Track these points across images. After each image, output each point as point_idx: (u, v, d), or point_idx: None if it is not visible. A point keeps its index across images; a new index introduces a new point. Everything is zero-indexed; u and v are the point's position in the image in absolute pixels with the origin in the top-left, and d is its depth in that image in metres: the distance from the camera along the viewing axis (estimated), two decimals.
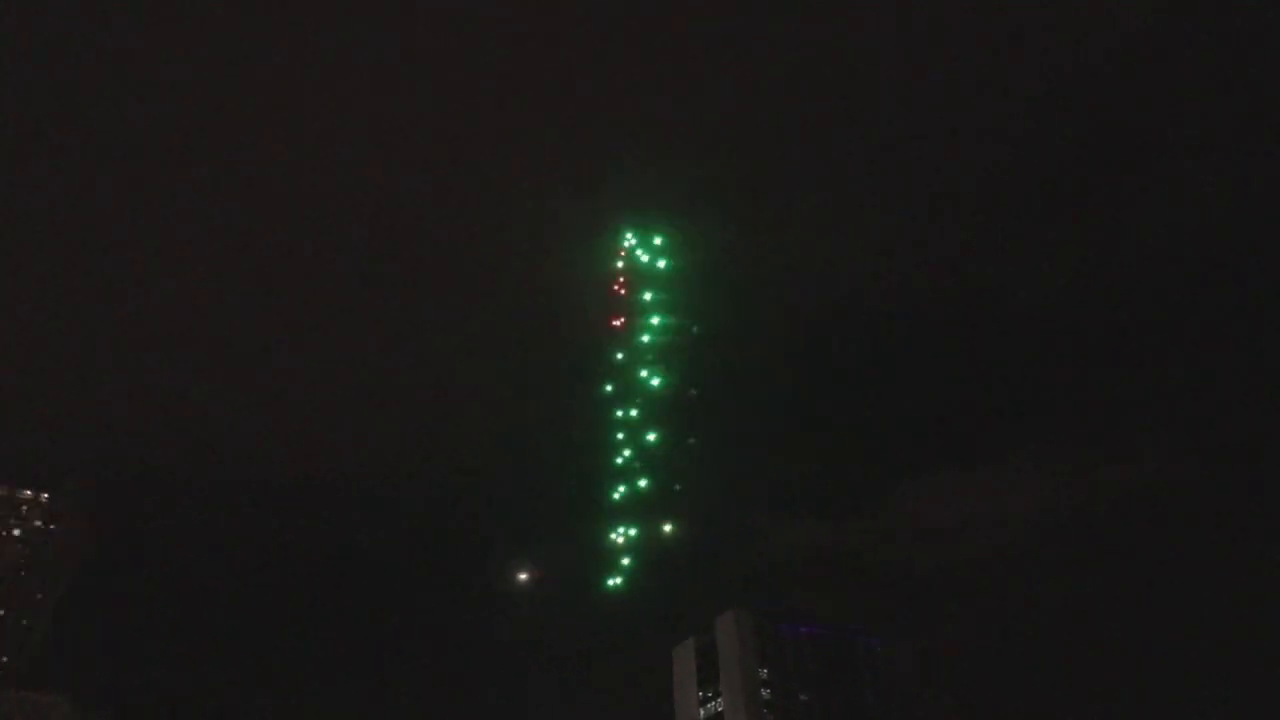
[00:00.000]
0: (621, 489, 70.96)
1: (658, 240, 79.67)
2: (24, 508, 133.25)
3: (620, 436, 72.18)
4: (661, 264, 78.68)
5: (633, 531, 69.11)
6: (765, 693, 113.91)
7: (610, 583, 68.97)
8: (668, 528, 70.73)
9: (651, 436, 72.10)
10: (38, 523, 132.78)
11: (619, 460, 70.94)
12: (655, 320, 75.64)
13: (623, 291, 78.12)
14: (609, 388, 73.68)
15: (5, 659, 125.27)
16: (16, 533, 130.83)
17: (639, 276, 77.67)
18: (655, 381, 73.19)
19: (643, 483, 71.12)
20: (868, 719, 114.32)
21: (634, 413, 72.40)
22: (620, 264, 79.28)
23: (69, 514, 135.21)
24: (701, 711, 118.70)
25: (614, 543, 68.82)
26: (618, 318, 76.73)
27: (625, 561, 68.54)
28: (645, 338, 74.54)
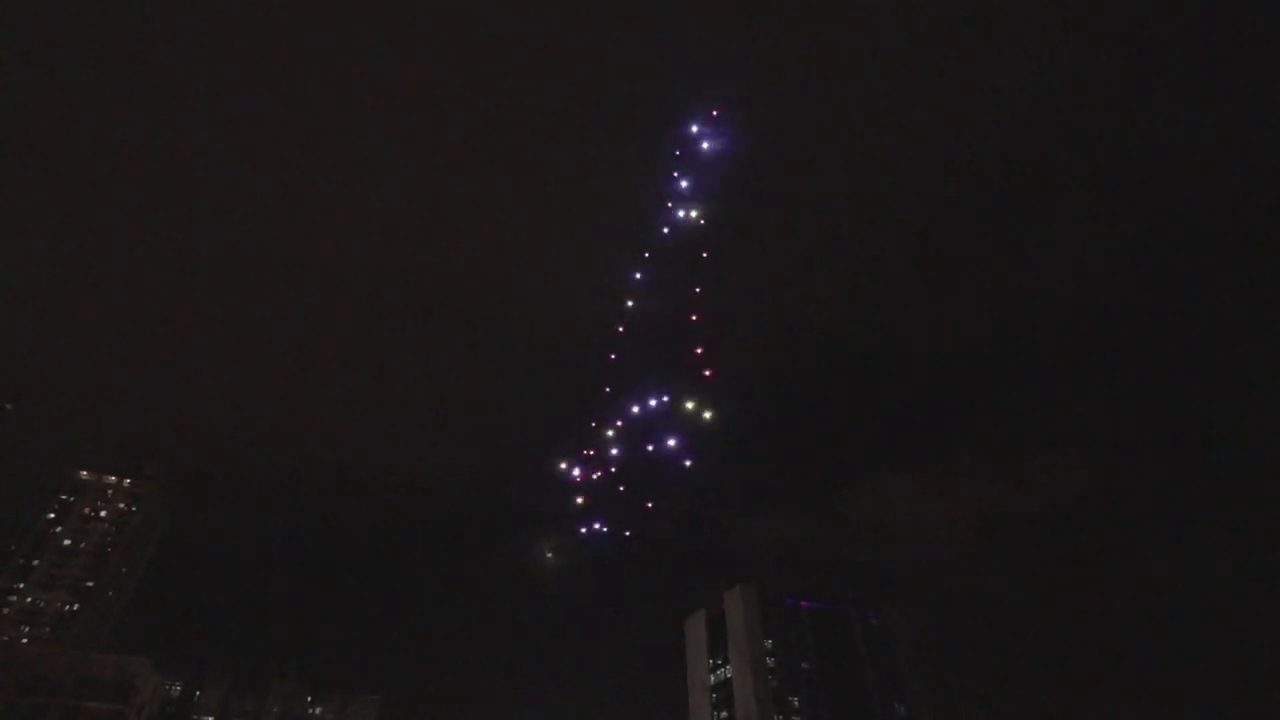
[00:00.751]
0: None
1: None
2: (109, 491, 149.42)
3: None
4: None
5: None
6: (770, 661, 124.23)
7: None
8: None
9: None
10: (121, 505, 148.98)
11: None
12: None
13: None
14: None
15: (95, 625, 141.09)
16: (103, 514, 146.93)
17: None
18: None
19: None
20: (864, 686, 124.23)
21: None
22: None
23: (148, 497, 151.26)
24: (711, 678, 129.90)
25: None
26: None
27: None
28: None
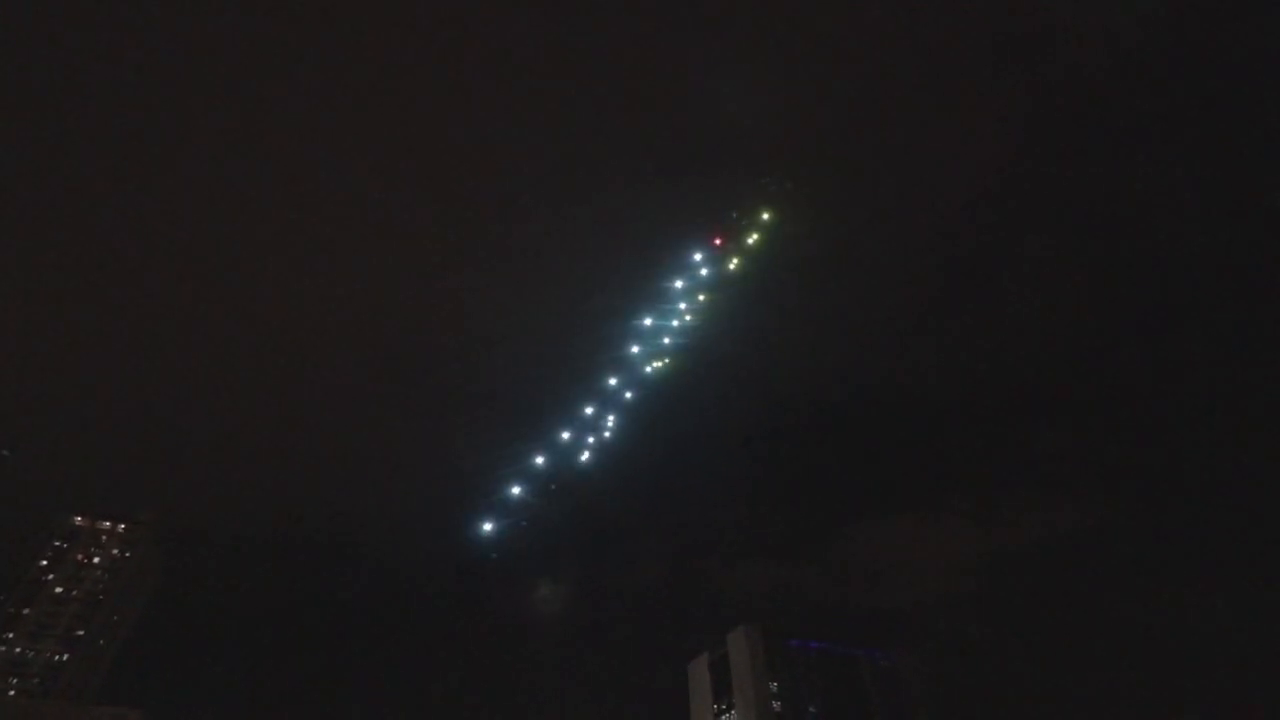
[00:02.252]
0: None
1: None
2: (103, 537, 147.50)
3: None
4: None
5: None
6: (776, 705, 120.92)
7: None
8: None
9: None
10: (115, 550, 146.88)
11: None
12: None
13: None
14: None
15: (84, 675, 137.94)
16: (96, 560, 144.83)
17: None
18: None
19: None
20: None
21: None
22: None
23: (143, 544, 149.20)
24: None
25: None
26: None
27: None
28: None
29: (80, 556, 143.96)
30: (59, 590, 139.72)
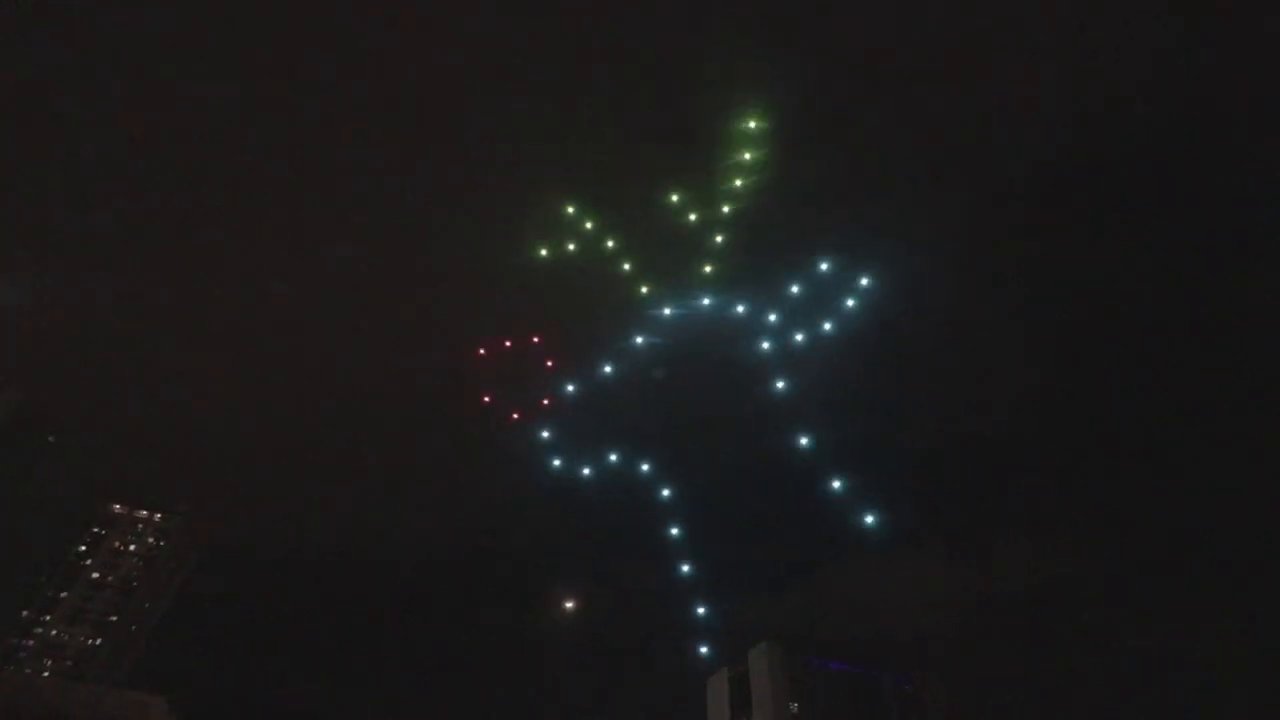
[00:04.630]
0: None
1: None
2: (139, 526, 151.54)
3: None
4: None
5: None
6: None
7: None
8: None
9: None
10: (150, 539, 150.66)
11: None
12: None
13: None
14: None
15: (115, 660, 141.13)
16: (132, 548, 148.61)
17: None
18: None
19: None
20: None
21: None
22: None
23: (178, 534, 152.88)
24: None
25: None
26: None
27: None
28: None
29: (117, 544, 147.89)
30: (96, 576, 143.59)
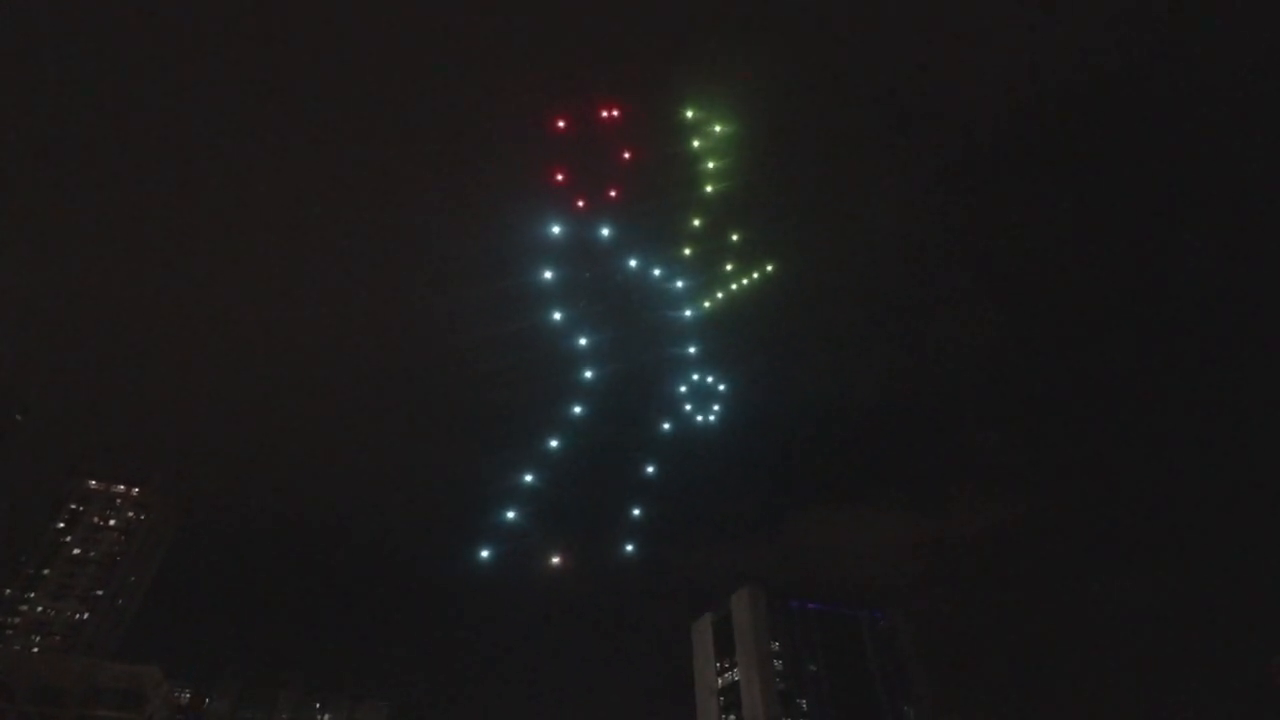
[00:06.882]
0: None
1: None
2: (118, 500, 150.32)
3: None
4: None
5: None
6: (777, 663, 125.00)
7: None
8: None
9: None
10: (130, 514, 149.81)
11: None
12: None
13: None
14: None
15: (105, 633, 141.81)
16: (113, 523, 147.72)
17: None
18: None
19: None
20: (870, 685, 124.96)
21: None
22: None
23: (157, 506, 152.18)
24: (719, 681, 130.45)
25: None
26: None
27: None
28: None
29: (96, 519, 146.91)
30: (77, 552, 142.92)
